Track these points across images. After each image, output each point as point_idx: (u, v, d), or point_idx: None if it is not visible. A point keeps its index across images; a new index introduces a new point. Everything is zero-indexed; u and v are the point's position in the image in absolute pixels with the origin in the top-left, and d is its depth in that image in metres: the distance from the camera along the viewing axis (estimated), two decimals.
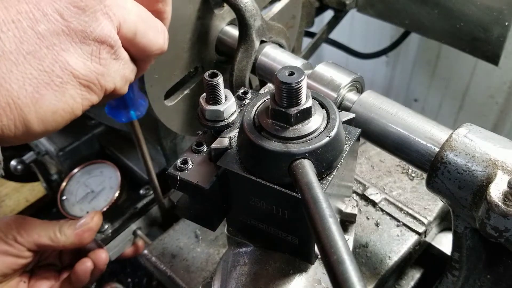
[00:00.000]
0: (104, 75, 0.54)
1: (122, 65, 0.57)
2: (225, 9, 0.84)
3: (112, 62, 0.55)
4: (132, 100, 0.73)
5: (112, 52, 0.54)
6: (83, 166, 1.19)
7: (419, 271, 0.90)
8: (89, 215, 0.94)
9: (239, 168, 0.54)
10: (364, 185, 0.94)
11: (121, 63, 0.56)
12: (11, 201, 1.93)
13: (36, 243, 0.87)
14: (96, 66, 0.53)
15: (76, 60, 0.51)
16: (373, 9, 1.29)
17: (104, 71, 0.54)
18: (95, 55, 0.52)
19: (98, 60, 0.53)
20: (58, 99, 0.50)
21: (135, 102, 0.75)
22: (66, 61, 0.50)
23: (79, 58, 0.51)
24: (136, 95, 0.74)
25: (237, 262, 0.65)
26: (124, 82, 0.59)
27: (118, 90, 0.58)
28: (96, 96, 0.55)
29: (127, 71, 0.59)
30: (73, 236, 0.90)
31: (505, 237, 0.55)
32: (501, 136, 0.61)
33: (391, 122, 0.67)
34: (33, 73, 0.48)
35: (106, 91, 0.56)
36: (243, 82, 0.83)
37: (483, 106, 1.83)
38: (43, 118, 0.50)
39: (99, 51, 0.52)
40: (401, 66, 2.05)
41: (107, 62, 0.54)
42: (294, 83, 0.49)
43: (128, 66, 0.59)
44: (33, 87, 0.48)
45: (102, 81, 0.54)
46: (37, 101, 0.49)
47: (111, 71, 0.55)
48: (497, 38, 1.10)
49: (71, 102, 0.52)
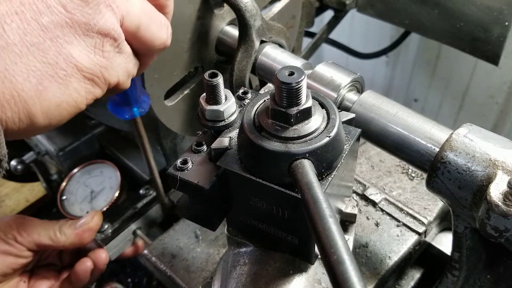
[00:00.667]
0: (107, 68, 0.54)
1: (125, 58, 0.57)
2: (225, 9, 0.84)
3: (116, 55, 0.55)
4: (134, 96, 0.73)
5: (115, 45, 0.54)
6: (83, 166, 1.19)
7: (419, 271, 0.90)
8: (89, 215, 0.94)
9: (239, 168, 0.54)
10: (364, 185, 0.94)
11: (124, 56, 0.56)
12: (11, 201, 1.94)
13: (36, 242, 0.87)
14: (99, 59, 0.52)
15: (79, 53, 0.50)
16: (373, 9, 1.29)
17: (108, 64, 0.53)
18: (98, 48, 0.52)
19: (102, 53, 0.52)
20: (62, 92, 0.50)
21: (138, 98, 0.74)
22: (70, 53, 0.50)
23: (83, 51, 0.51)
24: (139, 91, 0.74)
25: (237, 262, 0.65)
26: (127, 76, 0.59)
27: (121, 84, 0.58)
28: (99, 89, 0.54)
29: (130, 65, 0.58)
30: (73, 236, 0.90)
31: (505, 237, 0.55)
32: (501, 136, 0.60)
33: (391, 122, 0.67)
34: (37, 66, 0.48)
35: (109, 85, 0.56)
36: (243, 82, 0.83)
37: (483, 106, 1.83)
38: (47, 111, 0.50)
39: (103, 43, 0.52)
40: (401, 66, 2.05)
41: (111, 55, 0.54)
42: (294, 83, 0.49)
43: (131, 60, 0.58)
44: (37, 80, 0.48)
45: (105, 74, 0.54)
46: (41, 94, 0.49)
47: (115, 64, 0.55)
48: (497, 38, 1.10)
49: (75, 95, 0.52)
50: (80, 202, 1.13)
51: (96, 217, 0.94)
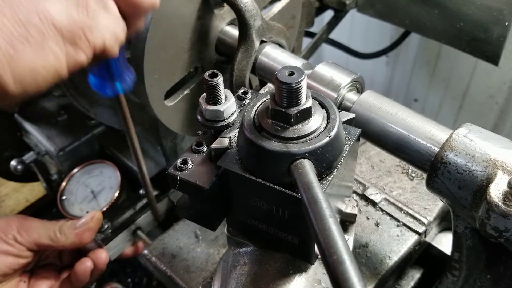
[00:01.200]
0: (91, 28, 0.48)
1: (112, 19, 0.51)
2: (225, 9, 0.84)
3: (101, 14, 0.49)
4: (118, 70, 0.66)
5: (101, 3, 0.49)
6: (83, 166, 1.19)
7: (419, 271, 0.90)
8: (88, 215, 0.94)
9: (239, 168, 0.54)
10: (364, 185, 0.94)
11: (110, 17, 0.51)
12: (11, 201, 1.94)
13: (36, 243, 0.87)
14: (82, 17, 0.47)
15: (58, 10, 0.45)
16: (373, 9, 1.29)
17: (92, 24, 0.48)
18: (82, 5, 0.47)
19: (86, 11, 0.47)
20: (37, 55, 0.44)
21: (121, 73, 0.68)
22: (47, 10, 0.44)
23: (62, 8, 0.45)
24: (122, 65, 0.67)
25: (237, 262, 0.65)
26: (114, 40, 0.53)
27: (109, 50, 0.52)
28: (83, 53, 0.48)
29: (117, 28, 0.53)
30: (73, 236, 0.90)
31: (505, 237, 0.55)
32: (501, 136, 0.60)
33: (391, 122, 0.67)
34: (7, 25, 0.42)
35: (95, 50, 0.50)
36: (243, 82, 0.83)
37: (483, 106, 1.83)
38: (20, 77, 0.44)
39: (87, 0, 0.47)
40: (401, 66, 2.05)
41: (95, 14, 0.48)
42: (294, 83, 0.49)
43: (118, 22, 0.53)
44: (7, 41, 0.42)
45: (89, 35, 0.48)
46: (12, 58, 0.43)
47: (100, 25, 0.49)
48: (497, 38, 1.10)
49: (53, 59, 0.46)
50: (80, 202, 1.13)
51: (95, 217, 0.94)
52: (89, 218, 0.93)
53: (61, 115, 1.29)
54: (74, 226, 0.91)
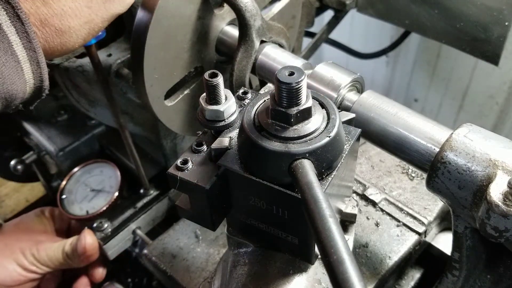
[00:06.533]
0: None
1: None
2: (225, 9, 0.84)
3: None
4: None
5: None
6: (83, 165, 1.19)
7: (419, 271, 0.90)
8: (81, 239, 0.96)
9: (239, 168, 0.54)
10: (364, 185, 0.94)
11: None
12: (11, 201, 1.94)
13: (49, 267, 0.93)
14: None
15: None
16: (373, 9, 1.29)
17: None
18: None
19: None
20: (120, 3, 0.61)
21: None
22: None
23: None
24: None
25: (237, 262, 0.65)
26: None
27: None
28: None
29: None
30: (81, 261, 0.96)
31: (505, 237, 0.55)
32: (501, 136, 0.60)
33: (391, 122, 0.67)
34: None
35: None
36: (243, 82, 0.83)
37: (483, 106, 1.83)
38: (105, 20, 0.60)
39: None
40: (401, 66, 2.05)
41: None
42: (294, 83, 0.49)
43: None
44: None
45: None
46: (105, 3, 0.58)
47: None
48: (497, 38, 1.10)
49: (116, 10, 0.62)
50: (80, 201, 1.12)
51: (88, 236, 0.97)
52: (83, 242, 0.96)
53: (61, 115, 1.29)
54: (77, 253, 0.95)
